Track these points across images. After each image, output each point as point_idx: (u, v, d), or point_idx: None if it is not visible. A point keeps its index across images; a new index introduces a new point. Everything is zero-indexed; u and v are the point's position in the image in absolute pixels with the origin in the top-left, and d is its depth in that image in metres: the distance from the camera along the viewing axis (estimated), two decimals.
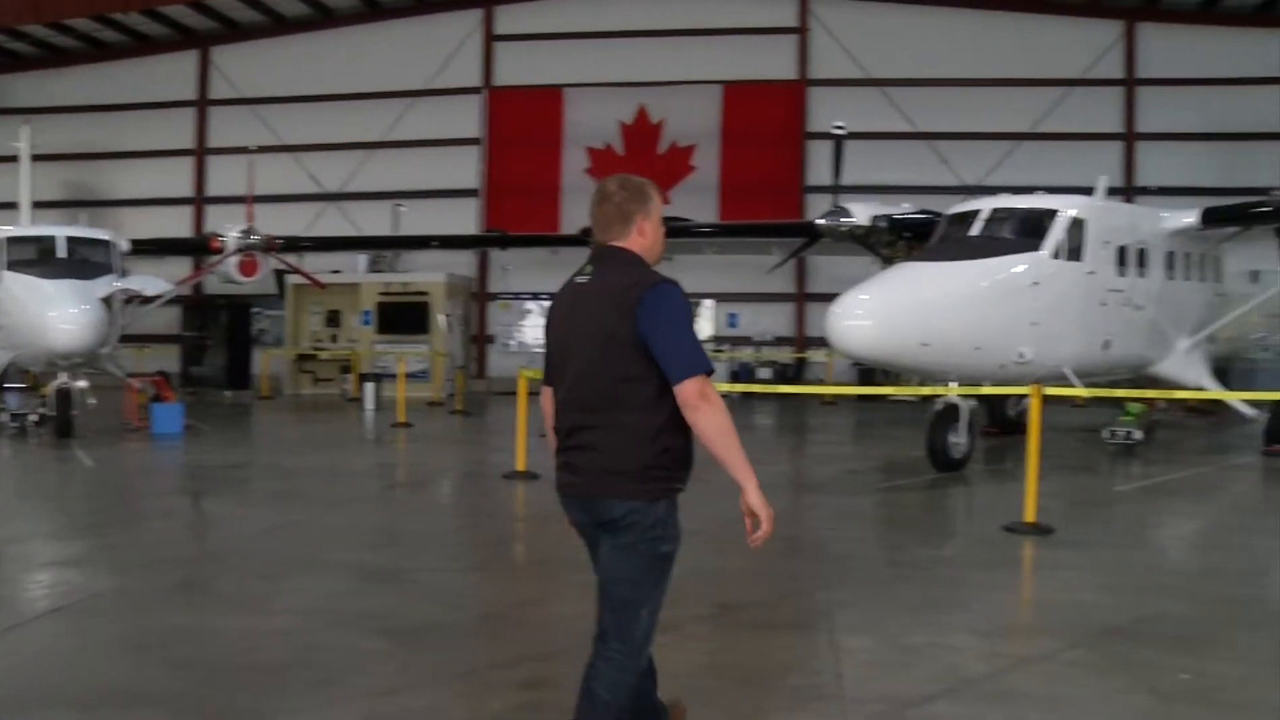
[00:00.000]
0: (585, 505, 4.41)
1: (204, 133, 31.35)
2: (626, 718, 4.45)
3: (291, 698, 5.74)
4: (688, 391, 4.19)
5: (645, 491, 4.30)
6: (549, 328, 4.62)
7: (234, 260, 21.78)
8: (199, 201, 31.18)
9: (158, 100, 31.28)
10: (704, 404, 4.21)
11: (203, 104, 31.31)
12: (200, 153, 31.30)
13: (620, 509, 4.29)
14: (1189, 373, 17.11)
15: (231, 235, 21.81)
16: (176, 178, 31.32)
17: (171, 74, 31.31)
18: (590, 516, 4.41)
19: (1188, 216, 16.74)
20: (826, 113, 25.97)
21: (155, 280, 20.83)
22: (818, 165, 27.17)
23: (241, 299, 27.75)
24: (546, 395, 4.64)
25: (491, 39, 30.04)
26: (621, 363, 4.26)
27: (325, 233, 28.02)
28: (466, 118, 29.98)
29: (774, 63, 29.13)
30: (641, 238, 4.60)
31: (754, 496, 4.42)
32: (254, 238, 21.84)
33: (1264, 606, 7.98)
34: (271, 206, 25.97)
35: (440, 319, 26.11)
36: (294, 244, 24.22)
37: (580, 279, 4.53)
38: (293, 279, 26.35)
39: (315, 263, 26.28)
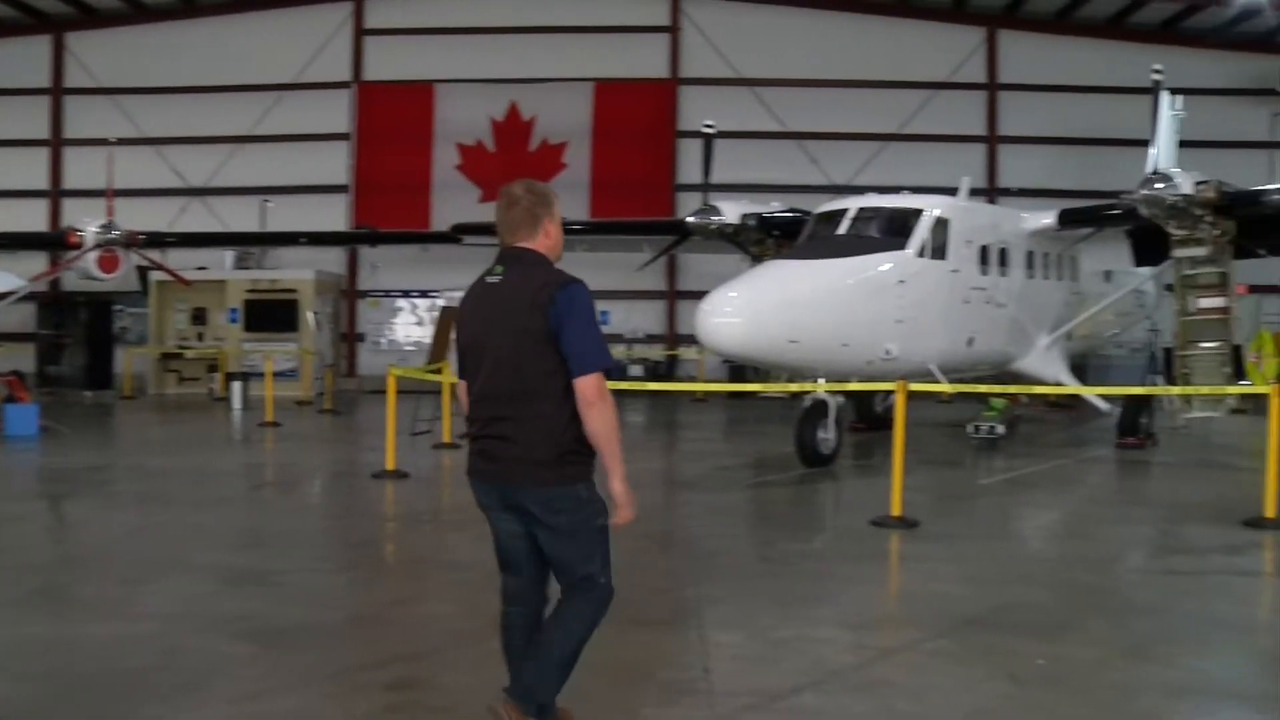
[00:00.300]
0: (501, 491, 4.76)
1: (59, 123, 30.24)
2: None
3: (154, 704, 5.60)
4: (588, 387, 4.57)
5: (563, 477, 4.66)
6: (460, 325, 4.91)
7: (93, 256, 21.10)
8: (55, 195, 30.09)
9: (8, 87, 29.99)
10: (600, 401, 4.59)
11: (58, 93, 30.16)
12: (56, 144, 30.19)
13: (537, 495, 4.67)
14: (1048, 369, 17.61)
15: (90, 230, 21.12)
16: (30, 169, 30.08)
17: (23, 60, 29.96)
18: (504, 501, 4.78)
19: (1046, 218, 17.24)
20: (697, 111, 26.16)
21: (7, 276, 20.07)
22: (689, 163, 27.34)
23: (102, 296, 26.85)
24: (462, 389, 4.98)
25: (362, 33, 29.57)
26: (535, 357, 4.60)
27: (190, 228, 27.32)
28: (336, 112, 29.48)
29: (645, 61, 29.23)
30: (547, 239, 4.88)
31: (619, 486, 4.68)
32: (114, 233, 21.21)
33: (1115, 593, 8.26)
34: (133, 201, 25.16)
35: (309, 317, 25.68)
36: (157, 239, 23.57)
37: (491, 278, 4.83)
38: (156, 276, 25.63)
39: (180, 259, 25.60)
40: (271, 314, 26.59)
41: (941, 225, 15.04)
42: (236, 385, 23.04)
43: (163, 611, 7.37)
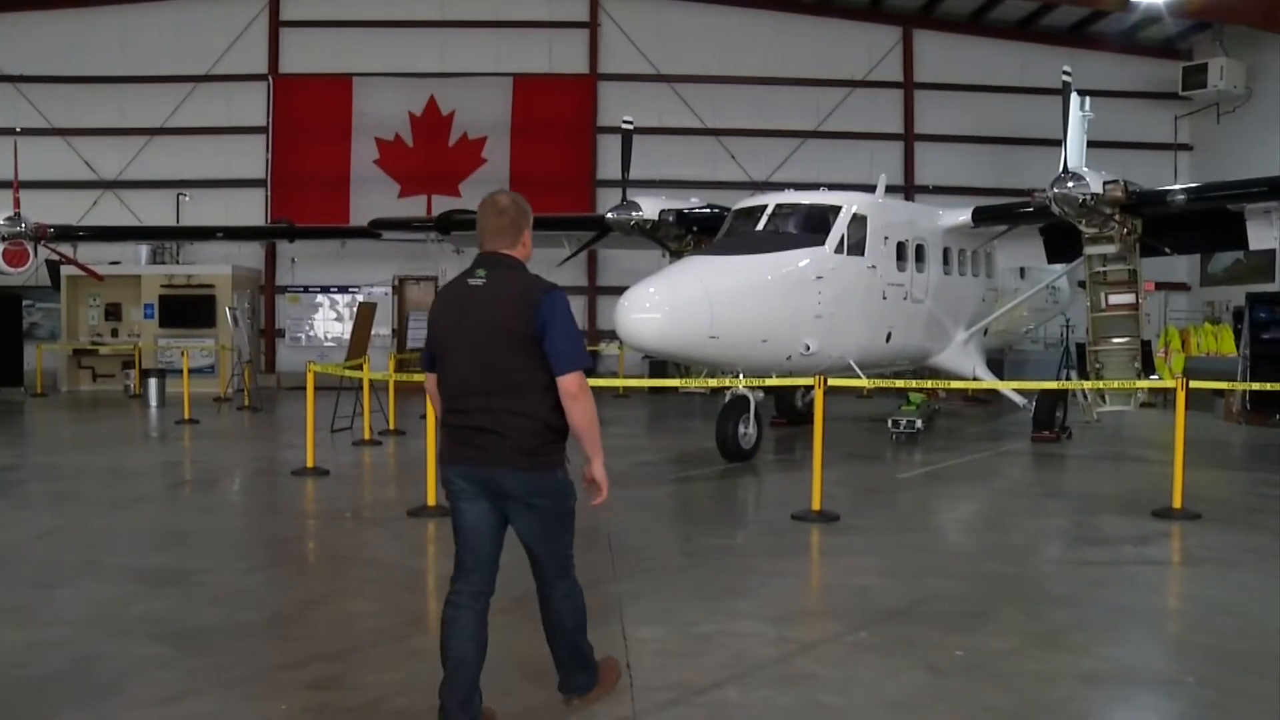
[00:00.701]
0: (483, 475, 5.12)
1: None
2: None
3: (69, 712, 5.50)
4: (570, 383, 5.02)
5: (544, 464, 5.12)
6: (436, 321, 5.27)
7: None
8: None
9: None
10: (582, 395, 5.06)
11: None
12: None
13: (522, 480, 5.09)
14: (965, 363, 17.88)
15: None
16: None
17: None
18: (483, 486, 5.13)
19: (961, 215, 17.48)
20: (617, 107, 26.16)
21: None
22: (608, 159, 27.33)
23: (10, 290, 26.22)
24: (431, 381, 5.37)
25: (278, 24, 29.12)
26: (519, 355, 5.01)
27: (102, 222, 26.72)
28: (253, 105, 29.00)
29: (565, 57, 29.16)
30: (524, 248, 5.30)
31: (599, 470, 5.22)
32: (21, 225, 20.75)
33: (1031, 583, 8.41)
34: (41, 193, 24.69)
35: (226, 312, 25.32)
36: (67, 233, 23.10)
37: (473, 280, 5.15)
38: (68, 270, 25.12)
39: (92, 253, 25.13)
40: (188, 309, 26.20)
41: (859, 222, 15.20)
42: (153, 382, 22.65)
43: (76, 616, 7.22)
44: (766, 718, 5.53)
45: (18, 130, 23.75)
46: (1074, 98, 17.55)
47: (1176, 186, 18.10)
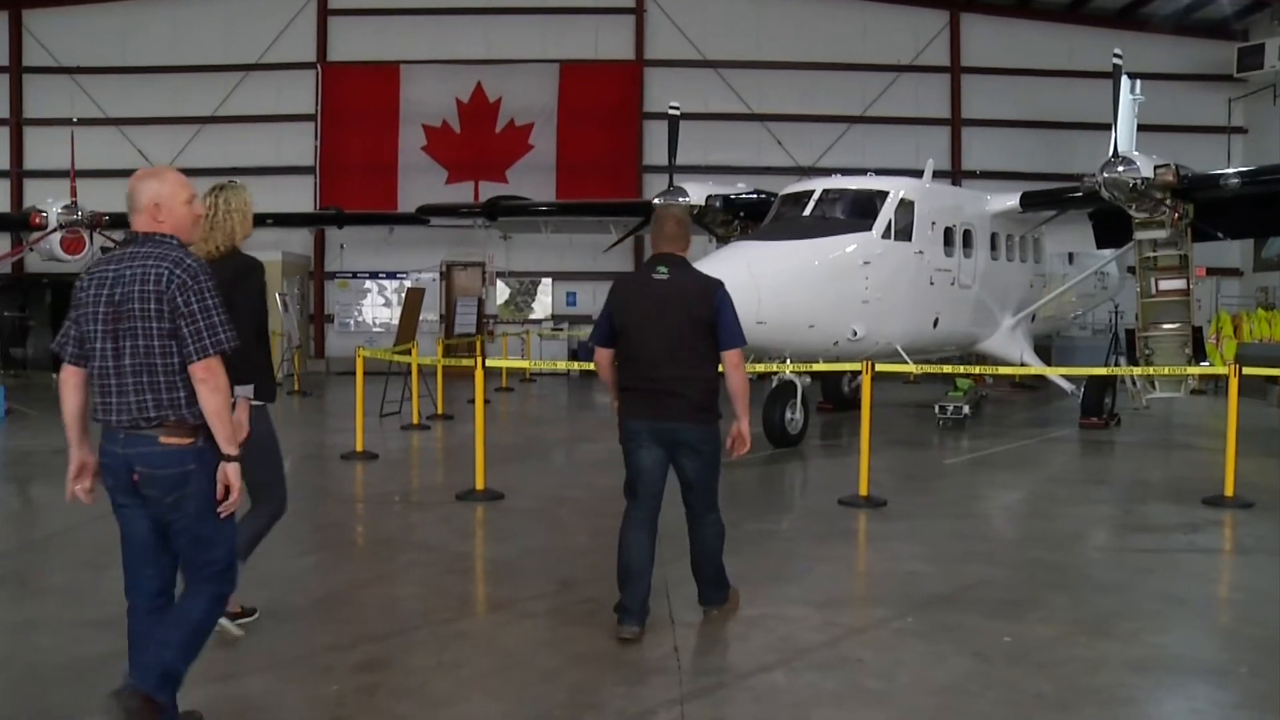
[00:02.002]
0: (664, 428, 6.40)
1: (19, 102, 29.84)
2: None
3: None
4: (734, 356, 6.40)
5: (710, 418, 6.47)
6: (620, 306, 6.48)
7: (57, 237, 20.96)
8: (17, 175, 29.72)
9: None
10: (741, 365, 6.42)
11: (16, 71, 29.75)
12: (16, 123, 29.80)
13: (696, 432, 6.40)
14: (1013, 349, 17.76)
15: (53, 211, 20.98)
16: None
17: None
18: (661, 436, 6.42)
19: (1009, 200, 17.36)
20: (663, 93, 26.14)
21: None
22: (654, 145, 27.35)
23: (67, 278, 26.43)
24: (605, 355, 6.64)
25: (327, 13, 29.31)
26: (698, 334, 6.33)
27: None
28: (301, 93, 29.23)
29: (611, 43, 29.15)
30: (688, 249, 6.63)
31: (746, 427, 6.53)
32: (78, 214, 21.04)
33: (1074, 570, 8.37)
34: (97, 181, 24.93)
35: (276, 298, 25.52)
36: (122, 221, 23.34)
37: (657, 275, 6.41)
38: None
39: None
40: None
41: (906, 207, 15.13)
42: None
43: None
44: (812, 702, 5.54)
45: (74, 121, 24.07)
46: (1124, 81, 17.36)
47: (1230, 170, 17.87)
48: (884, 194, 15.10)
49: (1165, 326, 15.91)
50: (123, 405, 4.58)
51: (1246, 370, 11.73)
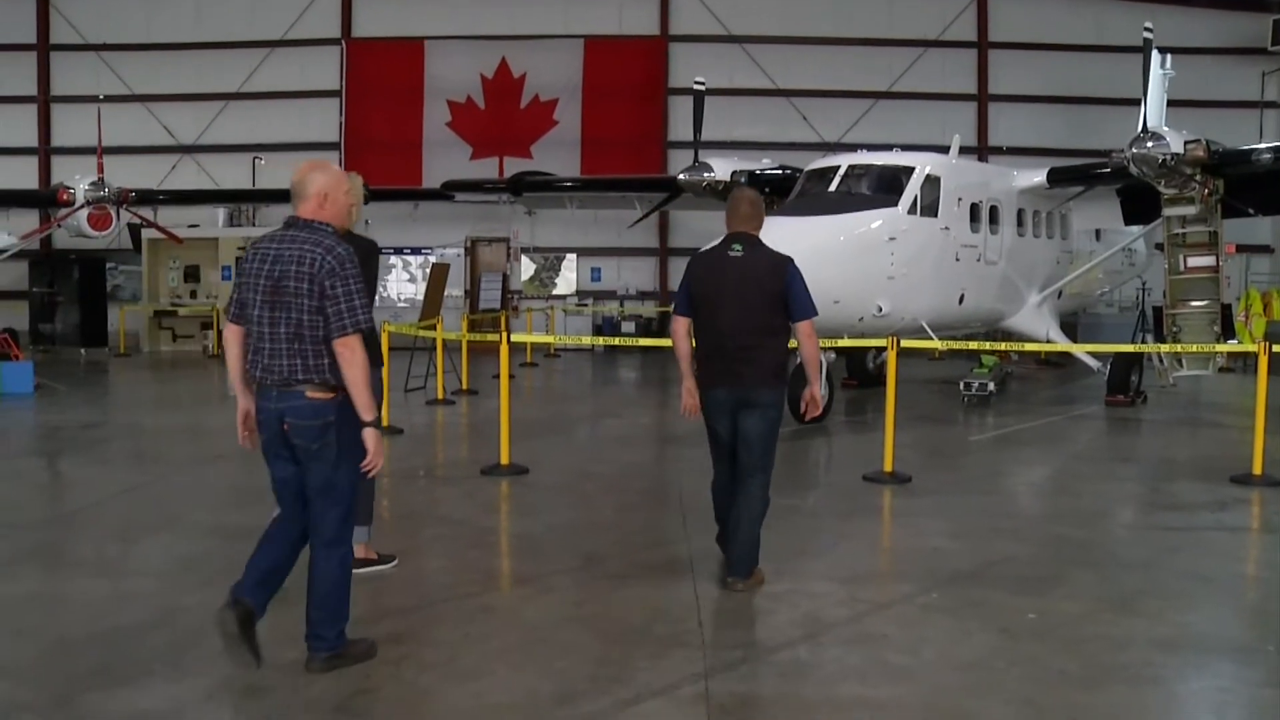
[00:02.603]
0: (738, 392, 6.87)
1: (47, 79, 29.97)
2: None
3: (146, 662, 5.65)
4: (806, 326, 6.89)
5: (779, 383, 7.02)
6: (699, 280, 6.99)
7: (84, 213, 21.06)
8: (45, 152, 29.89)
9: None
10: (814, 335, 6.95)
11: (44, 48, 29.88)
12: (44, 100, 29.93)
13: (766, 394, 6.89)
14: (1039, 326, 17.68)
15: (81, 187, 21.09)
16: (19, 126, 29.76)
17: (8, 16, 29.62)
18: (735, 398, 6.88)
19: (1036, 176, 17.25)
20: (688, 69, 26.06)
21: None
22: (679, 121, 27.32)
23: (94, 254, 26.81)
24: (684, 324, 7.08)
25: None
26: (771, 308, 6.86)
27: (181, 186, 27.15)
28: (326, 69, 29.26)
29: (636, 18, 29.05)
30: (760, 229, 7.12)
31: (817, 390, 7.13)
32: (105, 190, 21.14)
33: (1100, 547, 8.35)
34: (123, 158, 25.12)
35: None
36: (148, 197, 23.49)
37: (732, 253, 6.93)
38: (149, 233, 25.52)
39: (172, 216, 25.49)
40: None
41: (932, 183, 15.05)
42: None
43: (158, 569, 7.42)
44: (837, 677, 5.55)
45: (100, 97, 24.15)
46: (1154, 55, 17.20)
47: (1262, 145, 17.70)
48: (910, 170, 15.02)
49: (1194, 304, 15.80)
50: (277, 366, 5.30)
51: (1276, 348, 11.62)
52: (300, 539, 5.56)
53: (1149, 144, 15.00)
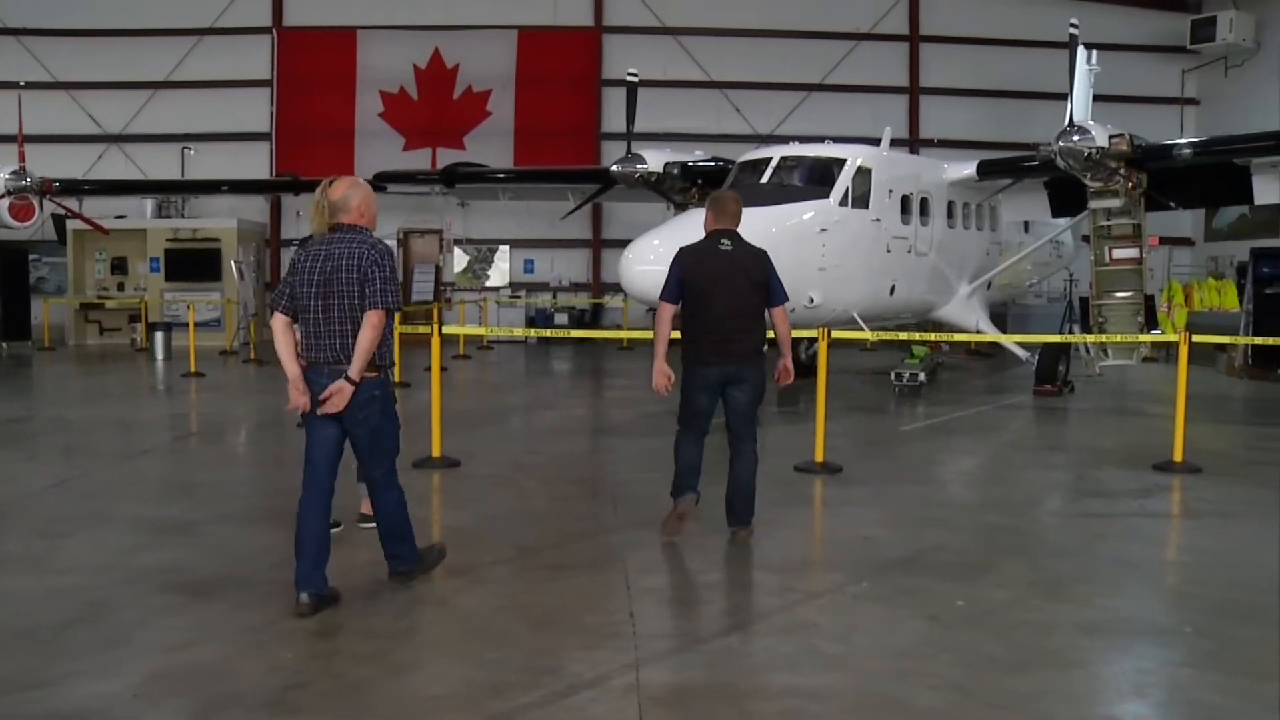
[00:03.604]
0: (728, 370, 7.75)
1: None
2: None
3: (75, 659, 5.56)
4: (781, 311, 7.89)
5: (762, 361, 7.84)
6: (691, 271, 7.74)
7: (4, 204, 20.63)
8: None
9: None
10: (787, 316, 7.94)
11: None
12: None
13: (752, 370, 7.79)
14: (969, 317, 17.90)
15: (1, 177, 20.67)
16: None
17: None
18: (722, 377, 7.77)
19: (966, 168, 17.45)
20: (621, 60, 26.12)
21: None
22: (613, 112, 27.30)
23: (16, 245, 26.22)
24: (670, 310, 7.82)
25: None
26: (755, 296, 7.76)
27: (107, 176, 26.72)
28: (257, 58, 28.84)
29: (569, 9, 28.96)
30: (740, 226, 7.96)
31: (789, 363, 7.97)
32: (27, 180, 20.74)
33: (1029, 534, 8.49)
34: (46, 147, 24.62)
35: (232, 266, 25.33)
36: (73, 187, 23.07)
37: (722, 247, 7.77)
38: (74, 224, 25.07)
39: (98, 207, 25.03)
40: (194, 263, 26.25)
41: (864, 174, 15.18)
42: (159, 335, 22.76)
43: (86, 565, 7.31)
44: (768, 666, 5.59)
45: (21, 84, 23.63)
46: (1080, 51, 17.46)
47: (1183, 140, 18.03)
48: (841, 162, 15.15)
49: (1118, 295, 16.06)
50: (330, 346, 6.36)
51: (1196, 338, 11.93)
52: (327, 503, 6.56)
53: (1075, 137, 15.22)
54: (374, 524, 7.12)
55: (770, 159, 15.34)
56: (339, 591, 6.49)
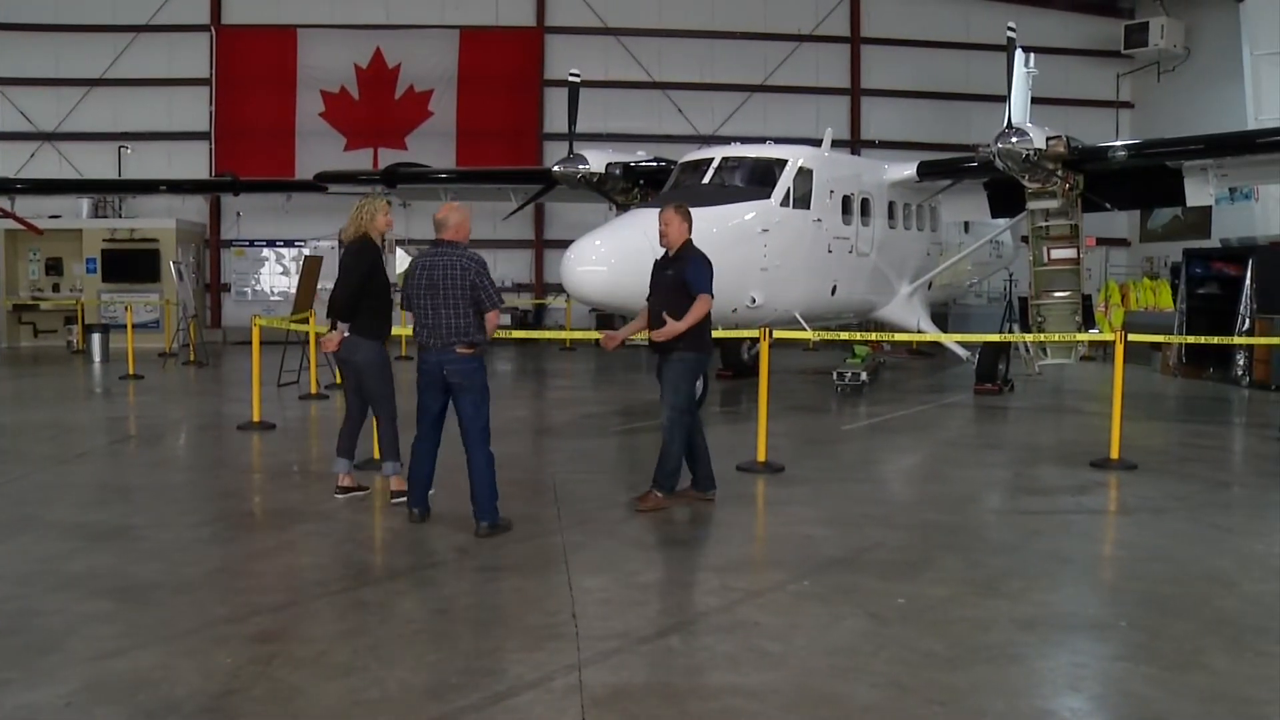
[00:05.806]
0: (662, 347, 8.94)
1: None
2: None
3: (7, 669, 5.44)
4: (702, 299, 8.83)
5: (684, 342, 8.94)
6: (653, 275, 9.29)
7: None
8: None
9: None
10: (706, 304, 8.87)
11: None
12: None
13: (680, 350, 8.92)
14: (910, 316, 18.04)
15: None
16: None
17: None
18: (662, 357, 9.04)
19: (906, 169, 17.58)
20: (564, 60, 26.07)
21: None
22: (555, 112, 27.26)
23: None
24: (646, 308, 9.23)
25: None
26: (684, 294, 8.83)
27: (41, 174, 26.38)
28: (195, 56, 28.54)
29: (511, 9, 28.94)
30: (686, 236, 9.17)
31: (677, 326, 8.79)
32: None
33: (967, 531, 8.56)
34: None
35: (170, 266, 25.01)
36: (5, 186, 22.72)
37: (663, 261, 9.19)
38: (6, 224, 24.68)
39: (31, 206, 24.70)
40: (131, 264, 25.96)
41: (805, 175, 15.25)
42: (96, 337, 22.41)
43: (15, 572, 7.16)
44: (709, 665, 5.60)
45: None
46: (1018, 54, 17.66)
47: (1117, 143, 18.29)
48: (783, 162, 15.20)
49: (1056, 294, 16.28)
50: (439, 333, 8.16)
51: (1132, 337, 12.11)
52: (434, 448, 8.53)
53: (1013, 139, 15.39)
54: (404, 499, 8.69)
55: (712, 160, 15.38)
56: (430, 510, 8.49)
